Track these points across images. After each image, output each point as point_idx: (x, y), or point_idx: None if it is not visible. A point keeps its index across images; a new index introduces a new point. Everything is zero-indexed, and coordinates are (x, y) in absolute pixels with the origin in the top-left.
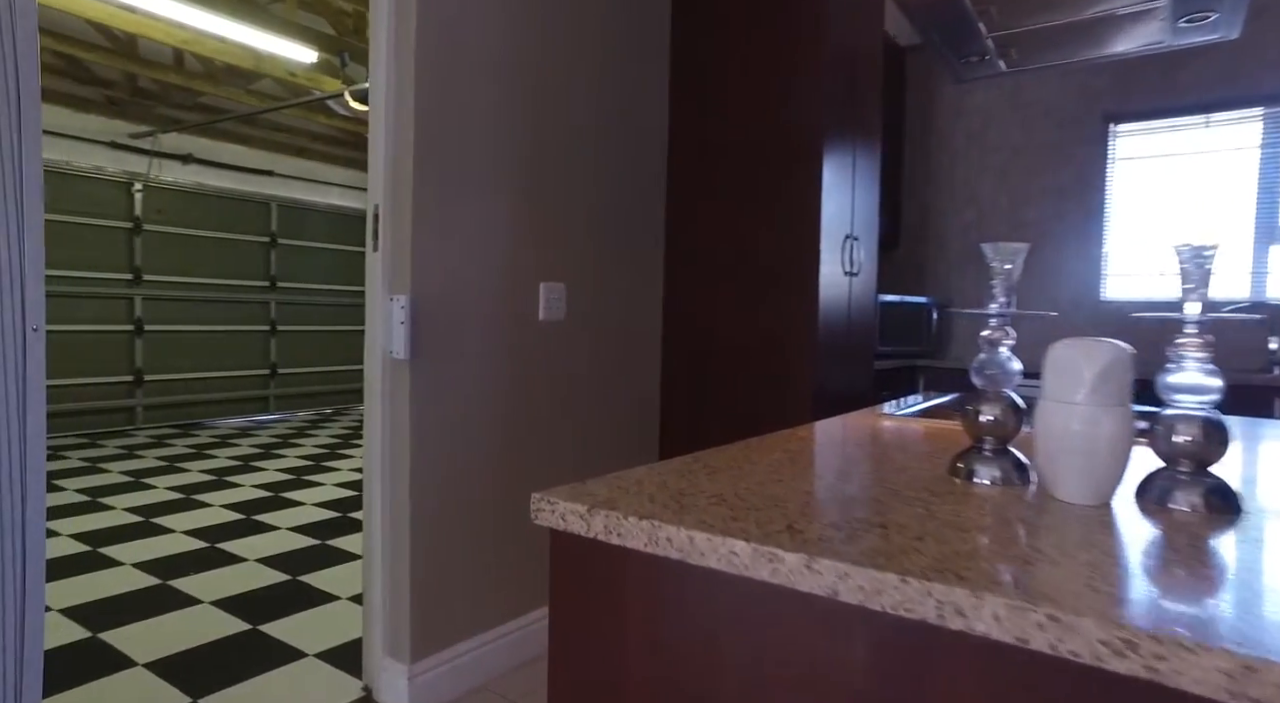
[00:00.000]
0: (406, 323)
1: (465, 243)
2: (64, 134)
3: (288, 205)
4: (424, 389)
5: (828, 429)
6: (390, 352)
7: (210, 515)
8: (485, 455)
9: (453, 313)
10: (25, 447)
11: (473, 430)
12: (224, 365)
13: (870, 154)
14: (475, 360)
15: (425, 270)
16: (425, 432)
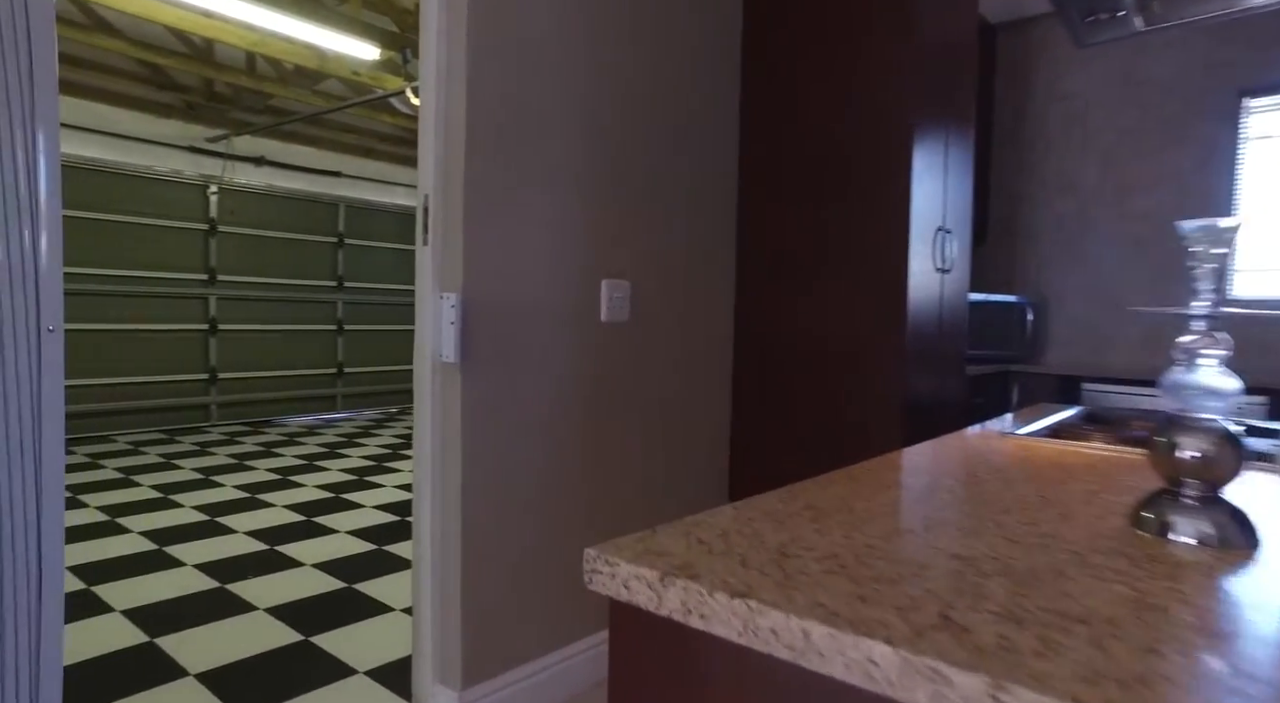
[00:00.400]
0: (457, 323)
1: (521, 236)
2: (145, 139)
3: (354, 206)
4: (476, 395)
5: (942, 453)
6: (440, 355)
7: (272, 516)
8: (541, 469)
9: (507, 312)
10: (40, 449)
11: (529, 441)
12: (293, 364)
13: (964, 139)
14: (531, 364)
15: (477, 266)
16: (477, 442)
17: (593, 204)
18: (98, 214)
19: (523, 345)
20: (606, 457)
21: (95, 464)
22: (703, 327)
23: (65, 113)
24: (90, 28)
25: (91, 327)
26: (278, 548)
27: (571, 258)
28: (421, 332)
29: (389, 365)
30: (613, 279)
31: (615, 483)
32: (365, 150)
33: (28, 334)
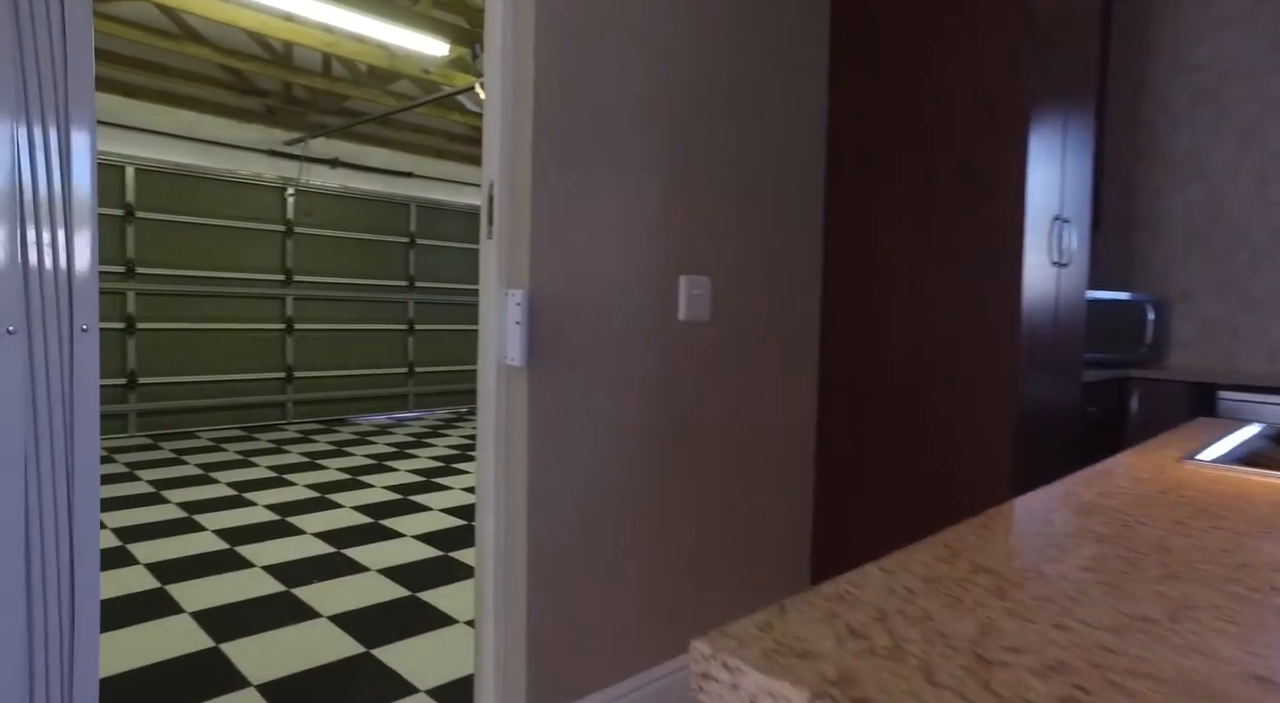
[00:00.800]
0: (523, 323)
1: (593, 226)
2: (228, 144)
3: (425, 206)
4: (543, 402)
5: (1117, 487)
6: (504, 356)
7: (340, 517)
8: (613, 482)
9: (577, 309)
10: (73, 452)
11: (600, 451)
12: (365, 363)
13: (1083, 117)
14: (604, 367)
15: (546, 259)
16: (545, 453)
17: (669, 191)
18: (184, 217)
19: (595, 347)
20: (682, 469)
21: (179, 460)
22: (787, 326)
23: (156, 120)
24: (181, 37)
25: (177, 326)
26: (344, 551)
27: (647, 250)
28: (485, 332)
29: (458, 365)
30: (692, 275)
31: (691, 498)
32: (437, 151)
33: (59, 334)
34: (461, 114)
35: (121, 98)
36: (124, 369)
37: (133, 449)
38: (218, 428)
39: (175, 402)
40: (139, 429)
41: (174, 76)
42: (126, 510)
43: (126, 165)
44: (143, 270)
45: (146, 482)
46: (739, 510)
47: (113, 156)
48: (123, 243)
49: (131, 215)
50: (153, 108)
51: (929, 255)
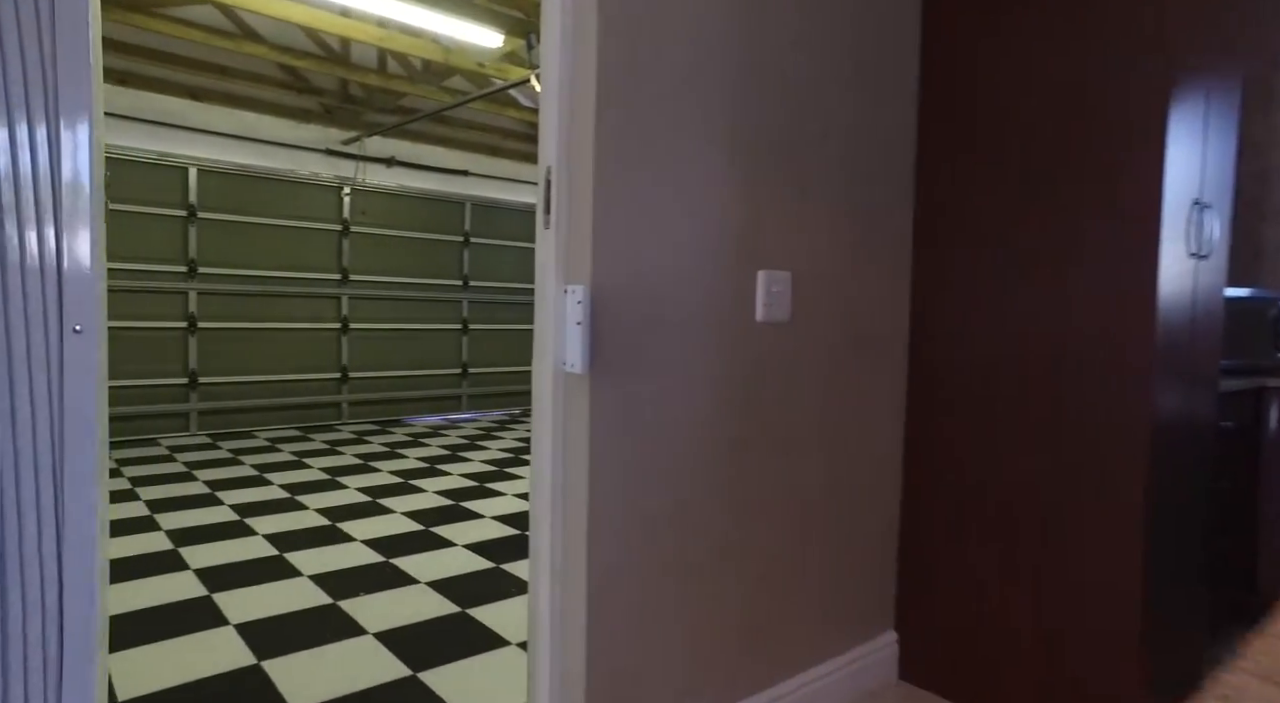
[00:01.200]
0: (585, 323)
1: (662, 215)
2: (287, 144)
3: (480, 204)
4: (607, 414)
5: None
6: (562, 361)
7: (390, 524)
8: (684, 502)
9: (644, 309)
10: (62, 461)
11: (669, 468)
12: (419, 363)
13: (1227, 88)
14: (674, 373)
15: (610, 251)
16: (608, 469)
17: (746, 174)
18: (244, 217)
19: (664, 352)
20: (758, 487)
21: (236, 460)
22: (872, 328)
23: (218, 121)
24: (239, 36)
25: (236, 326)
26: (393, 561)
27: (722, 242)
28: (542, 334)
29: (512, 366)
30: (771, 270)
31: (767, 519)
32: (491, 149)
33: (46, 336)
34: (516, 110)
35: (187, 101)
36: (185, 368)
37: (193, 448)
38: (275, 428)
39: (234, 401)
40: (199, 428)
41: (234, 77)
42: (183, 512)
43: (190, 167)
44: (204, 270)
45: (203, 482)
46: (819, 532)
47: (177, 159)
48: (185, 243)
49: (194, 216)
50: (215, 110)
51: (1043, 244)
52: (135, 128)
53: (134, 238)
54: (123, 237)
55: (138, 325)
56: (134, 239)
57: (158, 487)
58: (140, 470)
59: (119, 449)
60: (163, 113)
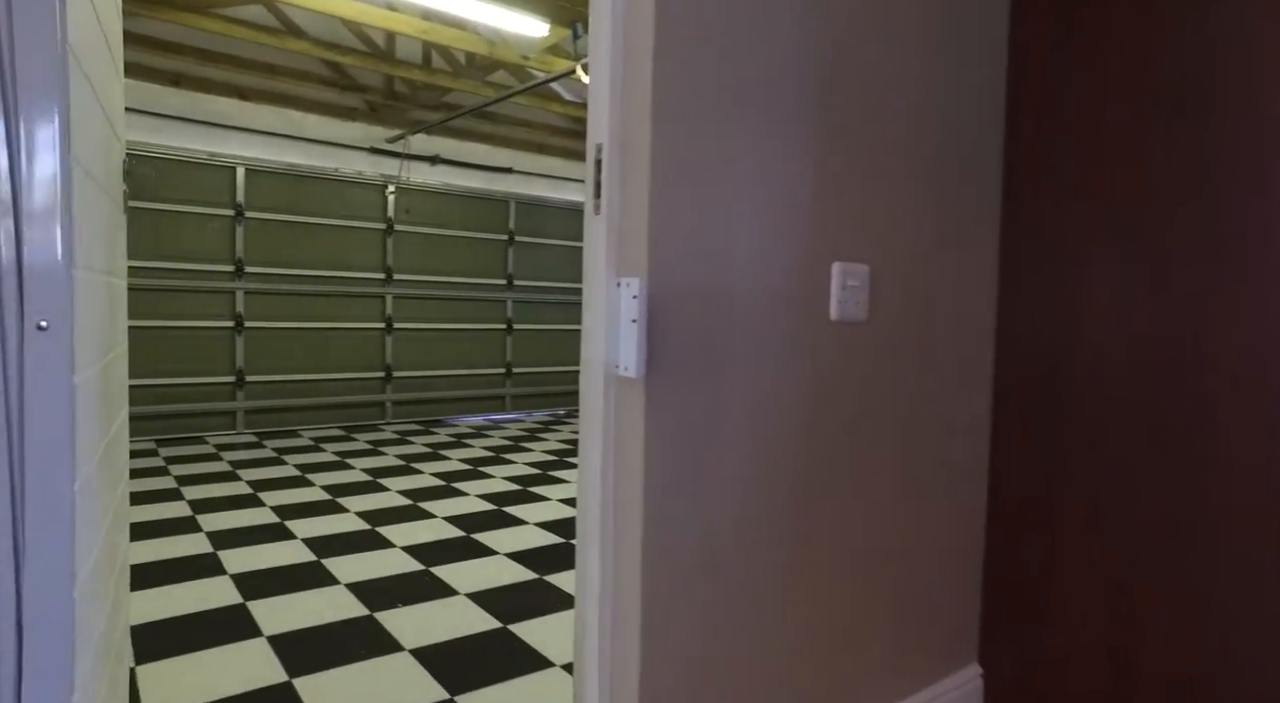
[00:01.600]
0: (641, 321)
1: (728, 197)
2: (332, 142)
3: (525, 202)
4: (665, 426)
5: None
6: (614, 364)
7: (432, 530)
8: (750, 520)
9: (708, 305)
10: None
11: (734, 485)
12: (463, 363)
13: None
14: (740, 379)
15: (669, 239)
16: (666, 486)
17: (821, 152)
18: (290, 216)
19: (728, 352)
20: (830, 506)
21: (279, 460)
22: (954, 327)
23: (266, 120)
24: (283, 32)
25: (282, 325)
26: (432, 570)
27: (795, 229)
28: (590, 332)
29: (557, 366)
30: (847, 262)
31: (840, 541)
32: (536, 146)
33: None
34: (561, 104)
35: (236, 101)
36: (232, 367)
37: (239, 447)
38: (319, 427)
39: (279, 400)
40: (246, 427)
41: (281, 76)
42: (224, 513)
43: (238, 166)
44: (250, 269)
45: (246, 482)
46: (897, 556)
47: (225, 158)
48: (232, 242)
49: (241, 215)
50: (263, 109)
51: (1169, 221)
52: (187, 128)
53: (183, 237)
54: (173, 236)
55: (186, 324)
56: (183, 238)
57: (202, 486)
58: (186, 469)
59: (167, 447)
60: (213, 113)
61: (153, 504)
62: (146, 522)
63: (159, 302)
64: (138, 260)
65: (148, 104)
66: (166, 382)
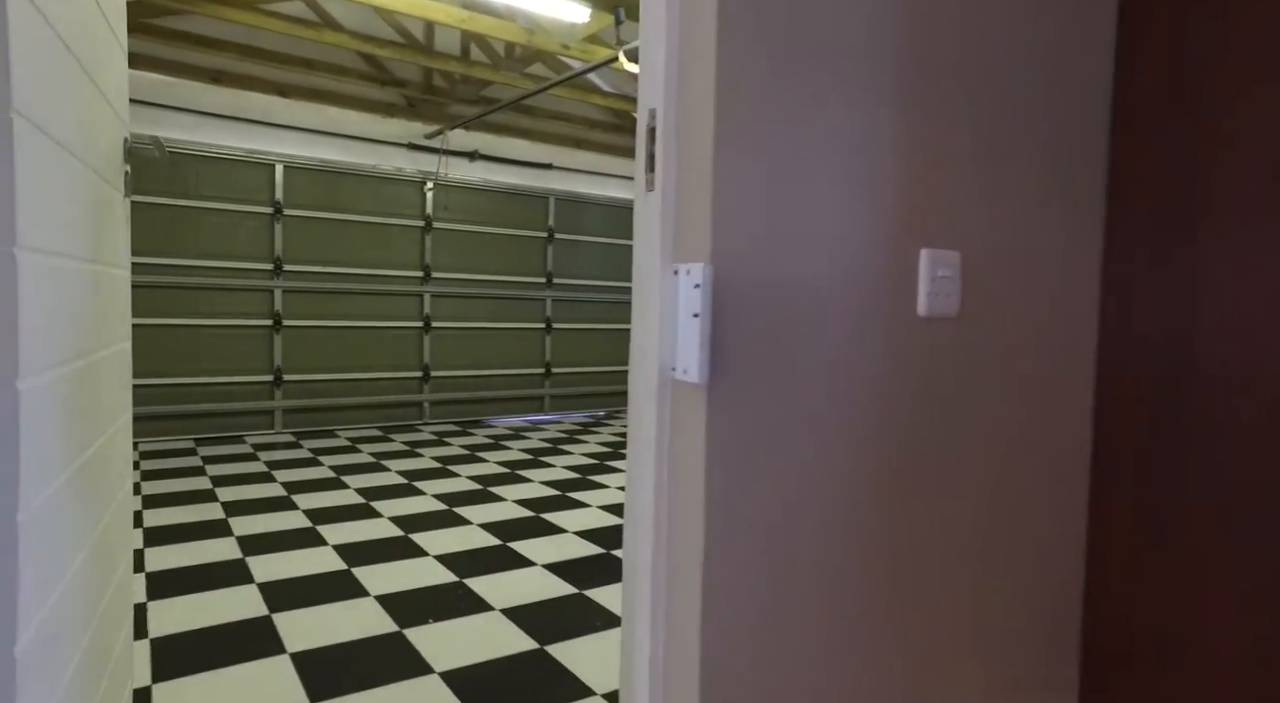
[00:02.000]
0: (704, 315)
1: (803, 172)
2: (371, 139)
3: (565, 199)
4: (731, 441)
5: None
6: (671, 368)
7: (467, 537)
8: (829, 563)
9: (780, 297)
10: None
11: (812, 515)
12: (501, 363)
13: None
14: (816, 387)
15: (737, 220)
16: (730, 519)
17: (908, 121)
18: (328, 213)
19: (804, 354)
20: (918, 535)
21: (315, 461)
22: (1053, 323)
23: (304, 117)
24: (320, 25)
25: (320, 323)
26: (466, 581)
27: (878, 209)
28: (641, 329)
29: (597, 366)
30: (936, 249)
31: (930, 575)
32: (576, 140)
33: None
34: (601, 96)
35: (275, 97)
36: (270, 366)
37: (277, 447)
38: (357, 427)
39: (317, 400)
40: (284, 426)
41: (319, 70)
42: (256, 516)
43: (276, 163)
44: (289, 267)
45: (280, 483)
46: (991, 584)
47: (264, 155)
48: (271, 240)
49: (280, 213)
50: (302, 106)
51: None
52: (227, 125)
53: (222, 235)
54: (212, 234)
55: (225, 323)
56: (222, 236)
57: (236, 487)
58: (223, 469)
59: (206, 446)
60: (253, 110)
61: (187, 506)
62: (179, 525)
63: (198, 300)
64: (178, 259)
65: (189, 102)
66: (205, 381)
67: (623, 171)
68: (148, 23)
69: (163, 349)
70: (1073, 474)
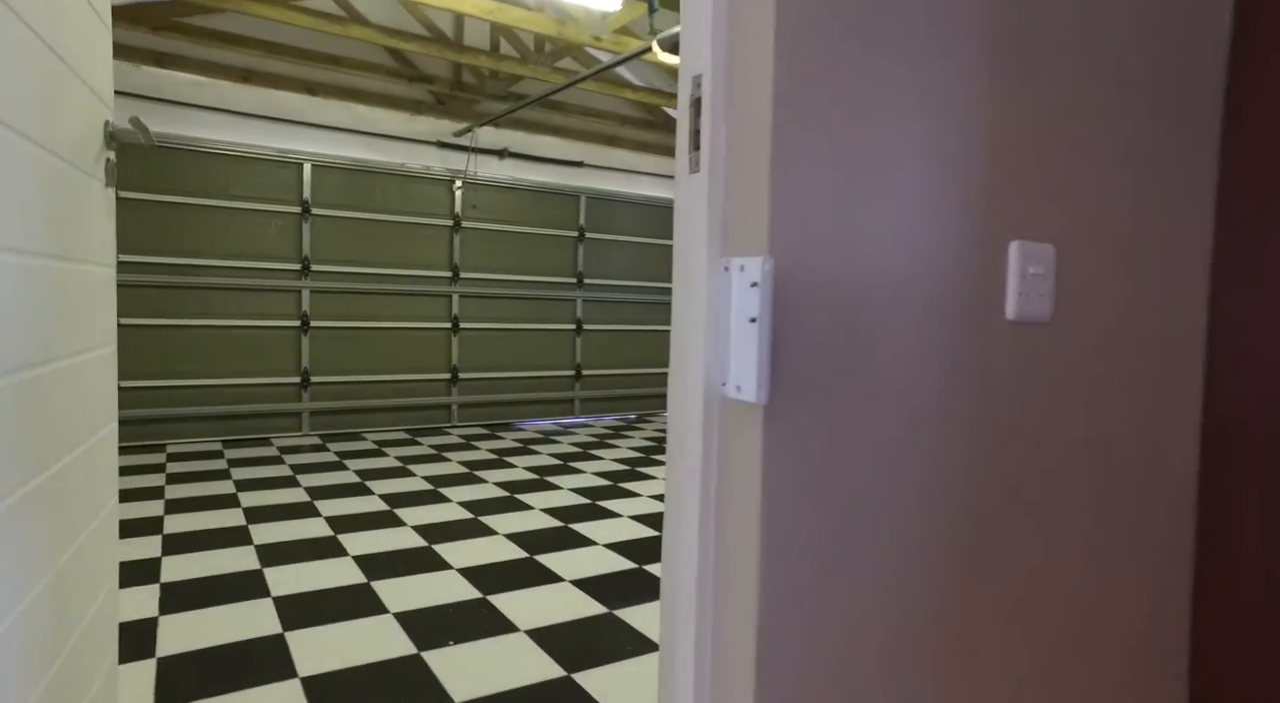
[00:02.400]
0: (763, 321)
1: (875, 150)
2: (400, 137)
3: (596, 197)
4: (795, 475)
5: None
6: (721, 383)
7: (492, 549)
8: (909, 614)
9: (851, 299)
10: None
11: (887, 560)
12: (530, 365)
13: None
14: (893, 409)
15: (799, 207)
16: (795, 575)
17: (996, 91)
18: (356, 213)
19: (875, 368)
20: (1008, 578)
21: (340, 465)
22: (1160, 329)
23: (333, 116)
24: (346, 20)
25: (347, 324)
26: (490, 599)
27: (958, 195)
28: (684, 337)
29: (629, 369)
30: (1028, 241)
31: (1021, 621)
32: (607, 138)
33: None
34: (633, 91)
35: (304, 96)
36: (298, 367)
37: (304, 450)
38: (384, 430)
39: (344, 401)
40: (311, 429)
41: (346, 67)
42: (277, 523)
43: (305, 162)
44: (316, 267)
45: (304, 488)
46: (1091, 626)
47: (292, 154)
48: (299, 240)
49: (308, 212)
50: (330, 104)
51: None
52: (255, 124)
53: (251, 235)
54: (240, 234)
55: (253, 324)
56: (250, 236)
57: (260, 492)
58: (247, 473)
59: (233, 449)
60: (282, 109)
61: (209, 512)
62: (199, 532)
63: (226, 301)
64: (206, 259)
65: (219, 101)
66: (233, 382)
67: (656, 169)
68: (179, 21)
69: (190, 350)
70: (1177, 509)
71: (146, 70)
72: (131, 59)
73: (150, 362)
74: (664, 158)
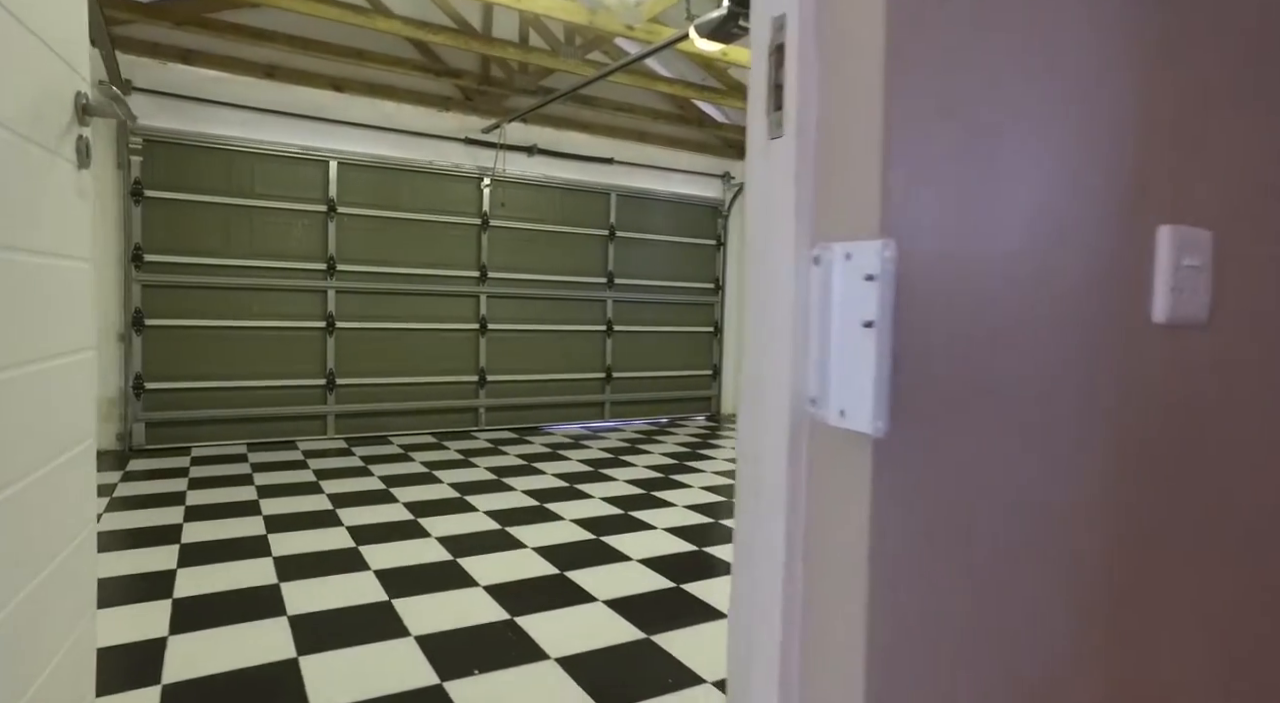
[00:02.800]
0: (882, 324)
1: (1000, 116)
2: (427, 134)
3: (627, 195)
4: (912, 537)
5: None
6: (812, 404)
7: (520, 564)
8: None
9: (980, 300)
10: None
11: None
12: (560, 367)
13: None
14: (1025, 437)
15: (919, 180)
16: (913, 647)
17: (1143, 50)
18: (383, 211)
19: (1007, 384)
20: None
21: (365, 471)
22: None
23: (360, 112)
24: (371, 12)
25: (373, 325)
26: (518, 620)
27: (1096, 169)
28: (762, 347)
29: (661, 371)
30: (1180, 225)
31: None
32: (638, 134)
33: None
34: (667, 84)
35: (330, 92)
36: (323, 369)
37: (328, 454)
38: (411, 433)
39: (370, 404)
40: (337, 432)
41: (372, 61)
42: (298, 533)
43: (331, 160)
44: (342, 267)
45: (327, 496)
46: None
47: (318, 151)
48: (325, 239)
49: (334, 211)
50: (356, 100)
51: None
52: (282, 122)
53: (276, 234)
54: (265, 234)
55: (278, 325)
56: (276, 236)
57: (282, 499)
58: (270, 478)
59: (257, 452)
60: (308, 106)
61: (229, 520)
62: (218, 542)
63: (251, 301)
64: (231, 259)
65: (244, 98)
66: (258, 384)
67: (688, 166)
68: (205, 17)
69: (214, 352)
70: None
71: (173, 67)
72: (159, 57)
73: (174, 363)
74: (697, 155)
